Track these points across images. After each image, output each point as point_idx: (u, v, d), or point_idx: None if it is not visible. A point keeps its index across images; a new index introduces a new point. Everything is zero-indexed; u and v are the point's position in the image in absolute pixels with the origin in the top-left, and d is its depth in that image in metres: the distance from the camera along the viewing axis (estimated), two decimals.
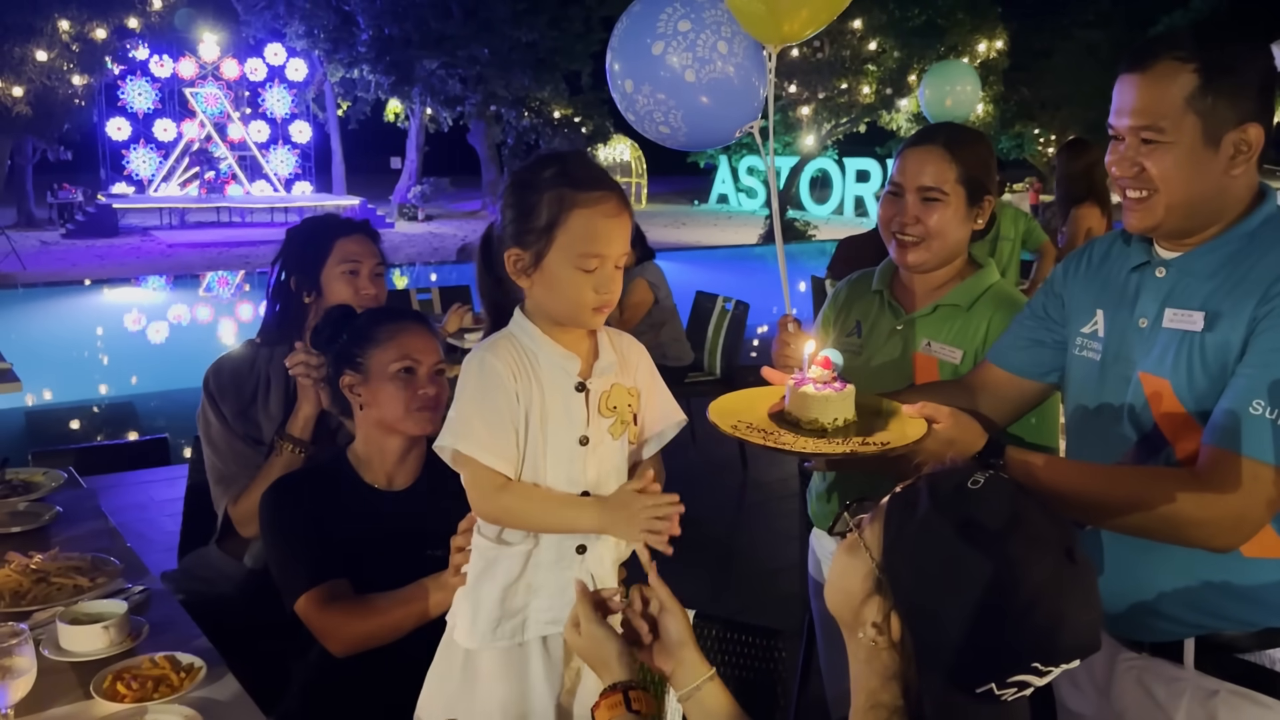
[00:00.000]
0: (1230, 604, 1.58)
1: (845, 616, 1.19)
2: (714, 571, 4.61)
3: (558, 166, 1.53)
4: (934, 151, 2.03)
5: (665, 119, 2.15)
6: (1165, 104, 1.50)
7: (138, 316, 12.13)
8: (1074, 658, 1.06)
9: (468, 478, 1.56)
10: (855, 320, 2.20)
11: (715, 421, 1.67)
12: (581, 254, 1.51)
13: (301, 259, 2.41)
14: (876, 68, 20.09)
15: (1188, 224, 1.57)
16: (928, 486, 1.14)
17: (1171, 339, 1.58)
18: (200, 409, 2.41)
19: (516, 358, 1.55)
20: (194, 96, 20.30)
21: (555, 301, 1.55)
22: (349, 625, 1.86)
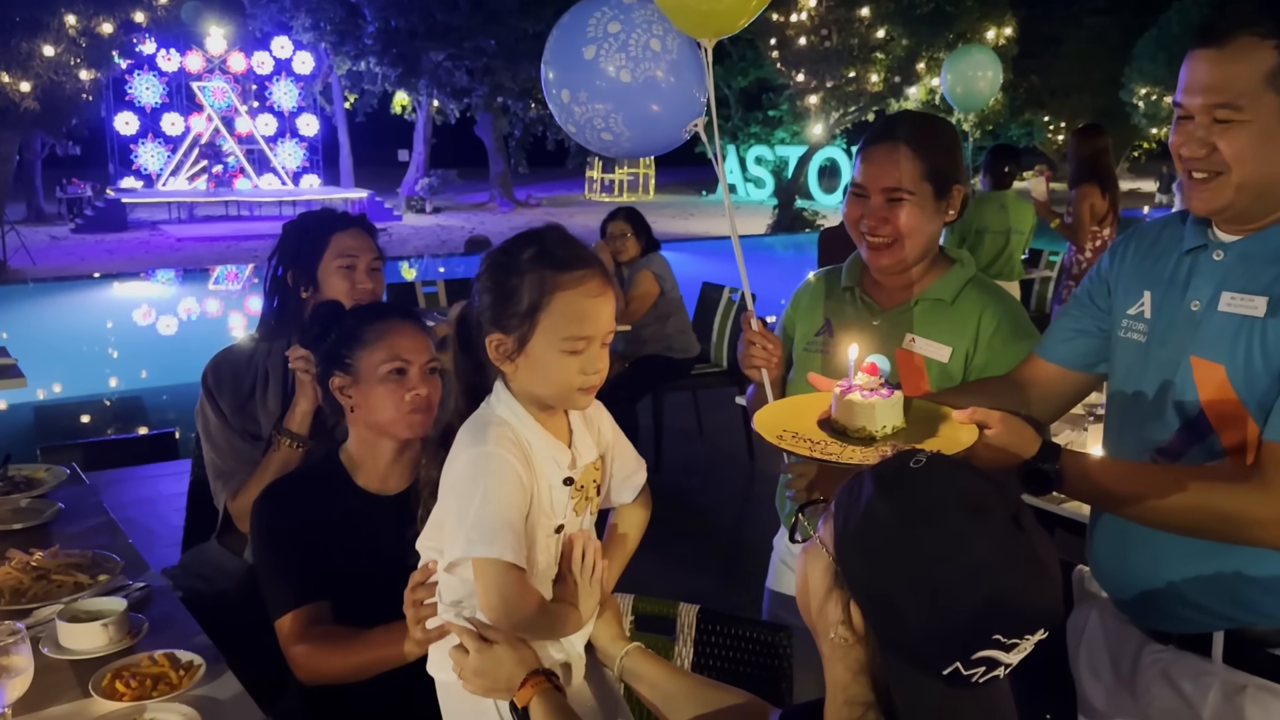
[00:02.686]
0: (1263, 598, 1.54)
1: (813, 619, 1.18)
2: (722, 563, 4.59)
3: (536, 247, 1.47)
4: (896, 149, 1.94)
5: (606, 125, 2.08)
6: (1242, 81, 1.45)
7: (147, 310, 12.15)
8: (1036, 627, 1.04)
9: (495, 582, 1.43)
10: (824, 318, 2.12)
11: (760, 432, 1.64)
12: (567, 337, 1.45)
13: (298, 254, 2.39)
14: (885, 56, 19.97)
15: (1256, 207, 1.52)
16: (871, 474, 1.13)
17: (1229, 323, 1.53)
18: (199, 404, 2.40)
19: (517, 448, 1.47)
20: (201, 90, 20.33)
21: (542, 386, 1.49)
22: (318, 663, 1.83)
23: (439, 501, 1.54)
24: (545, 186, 28.46)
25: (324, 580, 1.90)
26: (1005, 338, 1.97)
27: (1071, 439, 3.09)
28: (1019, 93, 23.48)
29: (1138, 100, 22.35)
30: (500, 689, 1.49)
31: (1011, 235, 6.09)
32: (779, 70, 20.57)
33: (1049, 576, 1.06)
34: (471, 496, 1.44)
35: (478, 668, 1.49)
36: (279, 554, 1.94)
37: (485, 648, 1.49)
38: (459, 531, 1.45)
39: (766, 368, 1.99)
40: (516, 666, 1.48)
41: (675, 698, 1.52)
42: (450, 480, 1.50)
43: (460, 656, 1.51)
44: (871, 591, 1.09)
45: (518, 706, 1.47)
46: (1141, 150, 30.40)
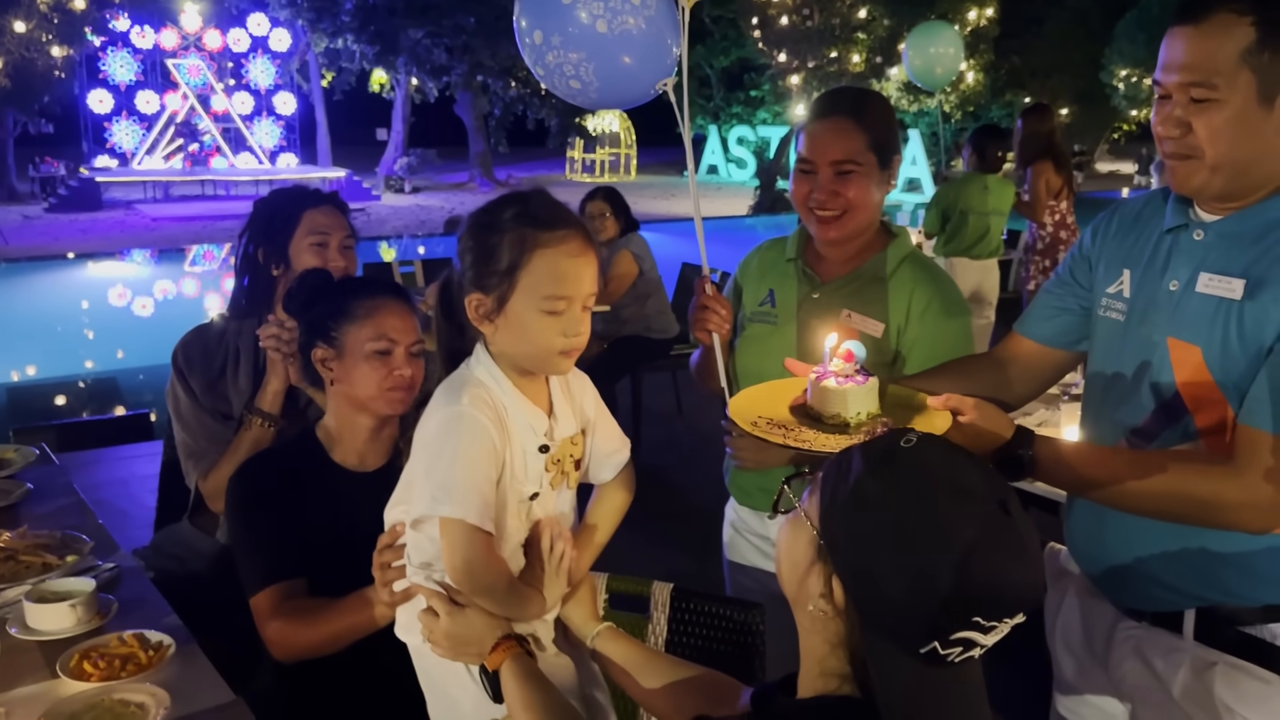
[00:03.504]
0: (1234, 577, 1.55)
1: (793, 591, 1.18)
2: (700, 542, 4.59)
3: (518, 206, 1.46)
4: (842, 123, 1.97)
5: (576, 73, 2.07)
6: (1219, 59, 1.43)
7: (122, 291, 12.04)
8: (1015, 612, 1.05)
9: (460, 542, 1.42)
10: (768, 289, 2.14)
11: (735, 419, 1.63)
12: (547, 296, 1.44)
13: (269, 231, 2.35)
14: (866, 36, 19.98)
15: (1234, 187, 1.51)
16: (861, 451, 1.13)
17: (1206, 305, 1.52)
18: (169, 384, 2.37)
19: (492, 411, 1.46)
20: (176, 68, 20.10)
21: (521, 347, 1.47)
22: (292, 638, 1.81)
23: (410, 460, 1.53)
24: (526, 166, 28.32)
25: (299, 557, 1.88)
26: (936, 315, 1.99)
27: (1045, 418, 3.11)
28: (1000, 73, 23.54)
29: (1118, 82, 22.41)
30: (470, 653, 1.49)
31: (993, 216, 6.12)
32: (761, 50, 20.54)
33: (1032, 562, 1.06)
34: (441, 454, 1.43)
35: (448, 631, 1.48)
36: (253, 530, 1.92)
37: (456, 611, 1.49)
38: (425, 488, 1.45)
39: (718, 332, 2.01)
40: (488, 630, 1.47)
41: (646, 677, 1.52)
42: (422, 438, 1.49)
43: (430, 620, 1.51)
44: (855, 567, 1.09)
45: (488, 671, 1.46)
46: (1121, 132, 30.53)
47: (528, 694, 1.41)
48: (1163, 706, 1.64)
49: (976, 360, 1.90)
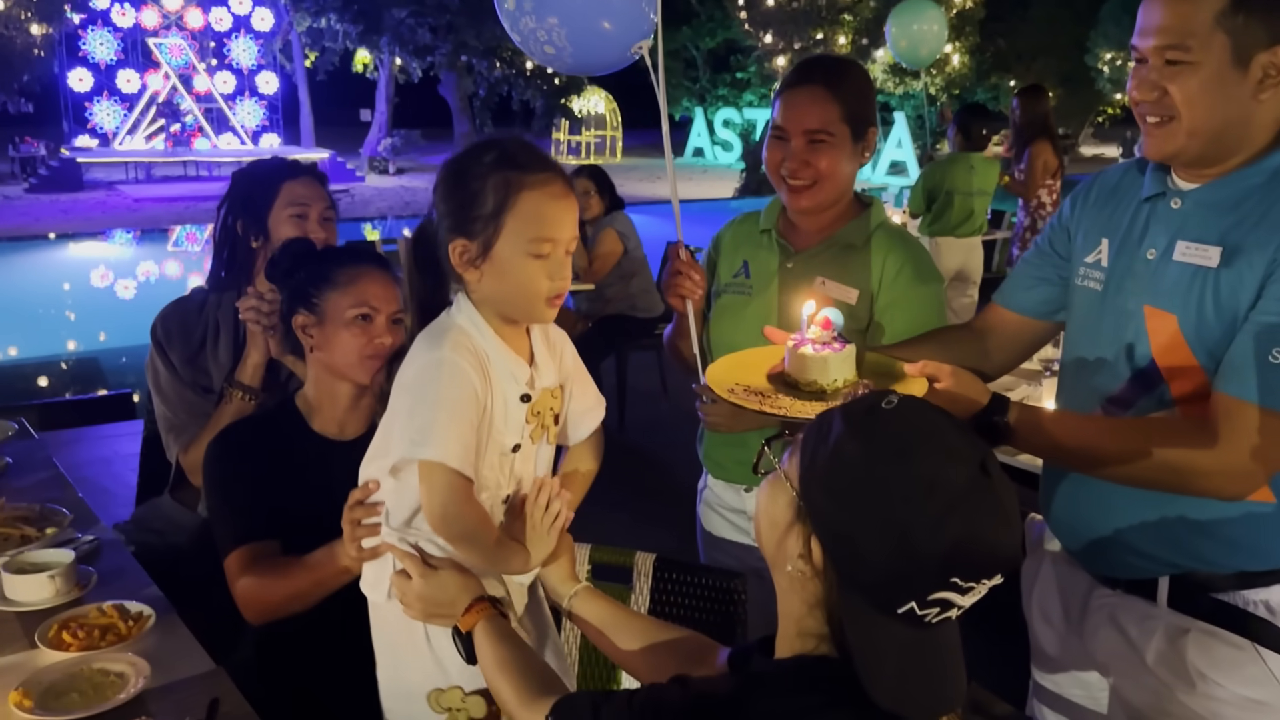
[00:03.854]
0: (1207, 545, 1.56)
1: (771, 551, 1.19)
2: (685, 520, 4.60)
3: (498, 150, 1.45)
4: (816, 92, 1.96)
5: (550, 37, 2.06)
6: (1193, 21, 1.43)
7: (104, 272, 11.96)
8: (993, 573, 1.05)
9: (439, 486, 1.42)
10: (742, 260, 2.14)
11: (712, 386, 1.63)
12: (533, 238, 1.43)
13: (248, 202, 2.33)
14: (853, 17, 19.94)
15: (1210, 152, 1.51)
16: (841, 412, 1.13)
17: (1183, 273, 1.52)
18: (149, 358, 2.35)
19: (474, 357, 1.45)
20: (158, 47, 19.88)
21: (507, 293, 1.46)
22: (261, 595, 1.80)
23: (388, 409, 1.52)
24: None
25: (275, 522, 1.88)
26: (908, 280, 2.00)
27: (1027, 393, 3.12)
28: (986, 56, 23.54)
29: (1102, 65, 22.46)
30: (443, 615, 1.48)
31: (977, 196, 6.14)
32: (747, 31, 20.49)
33: (1010, 524, 1.06)
34: (423, 399, 1.42)
35: (421, 592, 1.48)
36: (229, 494, 1.91)
37: (429, 573, 1.48)
38: (405, 432, 1.43)
39: (691, 298, 2.00)
40: (461, 592, 1.47)
41: (624, 637, 1.52)
42: (402, 383, 1.47)
43: (402, 581, 1.50)
44: (833, 528, 1.09)
45: (461, 632, 1.46)
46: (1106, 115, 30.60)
47: (502, 653, 1.40)
48: (1137, 673, 1.65)
49: (955, 330, 1.90)
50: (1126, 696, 1.69)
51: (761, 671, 1.20)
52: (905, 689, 1.08)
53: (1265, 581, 1.55)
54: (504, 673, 1.38)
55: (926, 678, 1.10)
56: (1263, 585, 1.55)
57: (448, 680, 1.54)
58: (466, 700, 1.54)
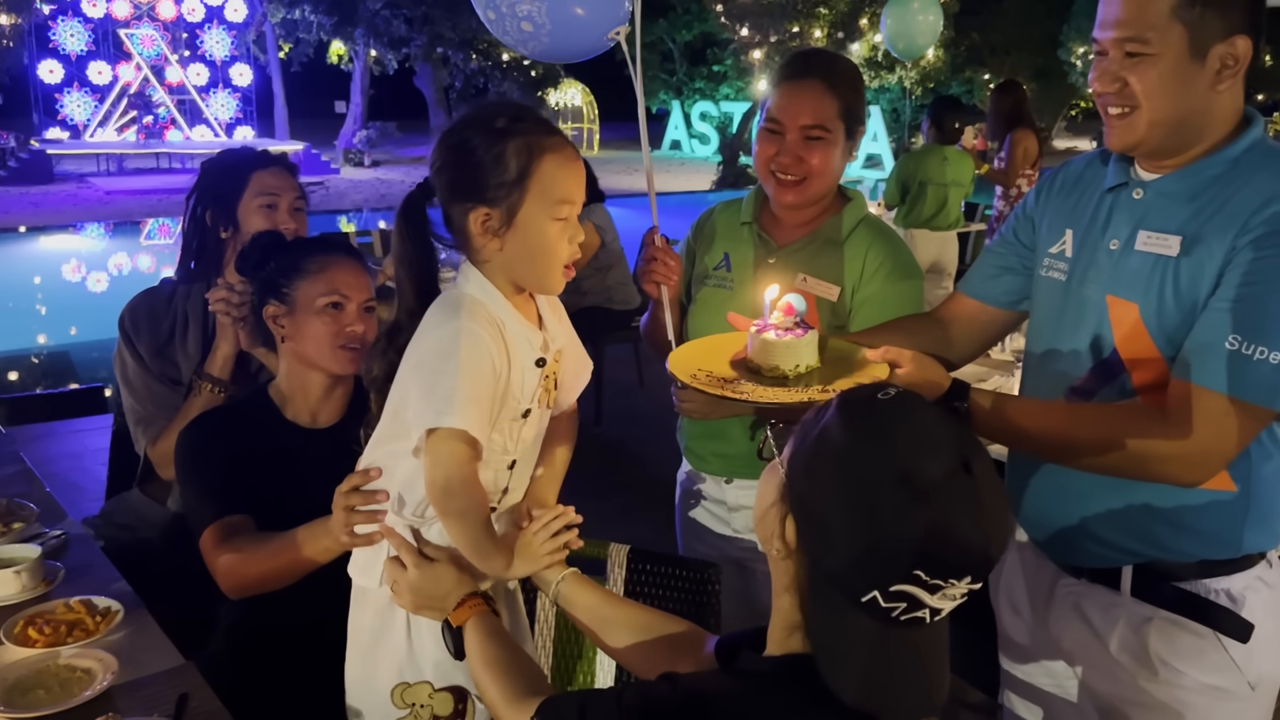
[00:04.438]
0: (1169, 533, 1.58)
1: (759, 532, 1.19)
2: (663, 512, 4.61)
3: (507, 115, 1.42)
4: (814, 87, 1.94)
5: (528, 15, 2.05)
6: (1151, 13, 1.45)
7: (76, 265, 11.83)
8: (961, 574, 1.04)
9: (447, 457, 1.39)
10: (723, 252, 2.13)
11: (674, 372, 1.63)
12: (557, 201, 1.42)
13: (217, 193, 2.31)
14: (828, 11, 19.96)
15: (1170, 142, 1.53)
16: (840, 398, 1.14)
17: (1144, 262, 1.54)
18: (116, 350, 2.33)
19: (492, 326, 1.43)
20: (129, 38, 19.64)
21: (530, 259, 1.44)
22: (240, 567, 1.78)
23: (397, 387, 1.49)
24: None
25: (249, 507, 1.86)
26: (887, 275, 1.99)
27: (1000, 384, 3.14)
28: (960, 50, 23.62)
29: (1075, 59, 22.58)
30: (434, 608, 1.48)
31: (951, 188, 6.17)
32: (723, 24, 20.47)
33: (986, 526, 1.05)
34: (442, 370, 1.39)
35: (415, 584, 1.47)
36: (204, 475, 1.90)
37: (424, 564, 1.47)
38: (427, 404, 1.39)
39: (666, 284, 1.99)
40: (455, 587, 1.47)
41: (611, 624, 1.51)
42: (418, 357, 1.44)
43: (396, 570, 1.49)
44: (807, 506, 1.09)
45: (452, 626, 1.45)
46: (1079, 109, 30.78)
47: (491, 651, 1.40)
48: (1102, 662, 1.67)
49: (919, 318, 1.92)
50: (1092, 685, 1.71)
51: (749, 669, 1.19)
52: (866, 684, 1.08)
53: (1226, 570, 1.57)
54: (491, 671, 1.37)
55: (891, 676, 1.09)
56: (1224, 574, 1.57)
57: (418, 675, 1.53)
58: (434, 697, 1.53)
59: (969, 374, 3.35)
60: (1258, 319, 1.42)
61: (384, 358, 1.52)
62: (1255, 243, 1.43)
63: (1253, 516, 1.56)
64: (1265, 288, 1.42)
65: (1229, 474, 1.54)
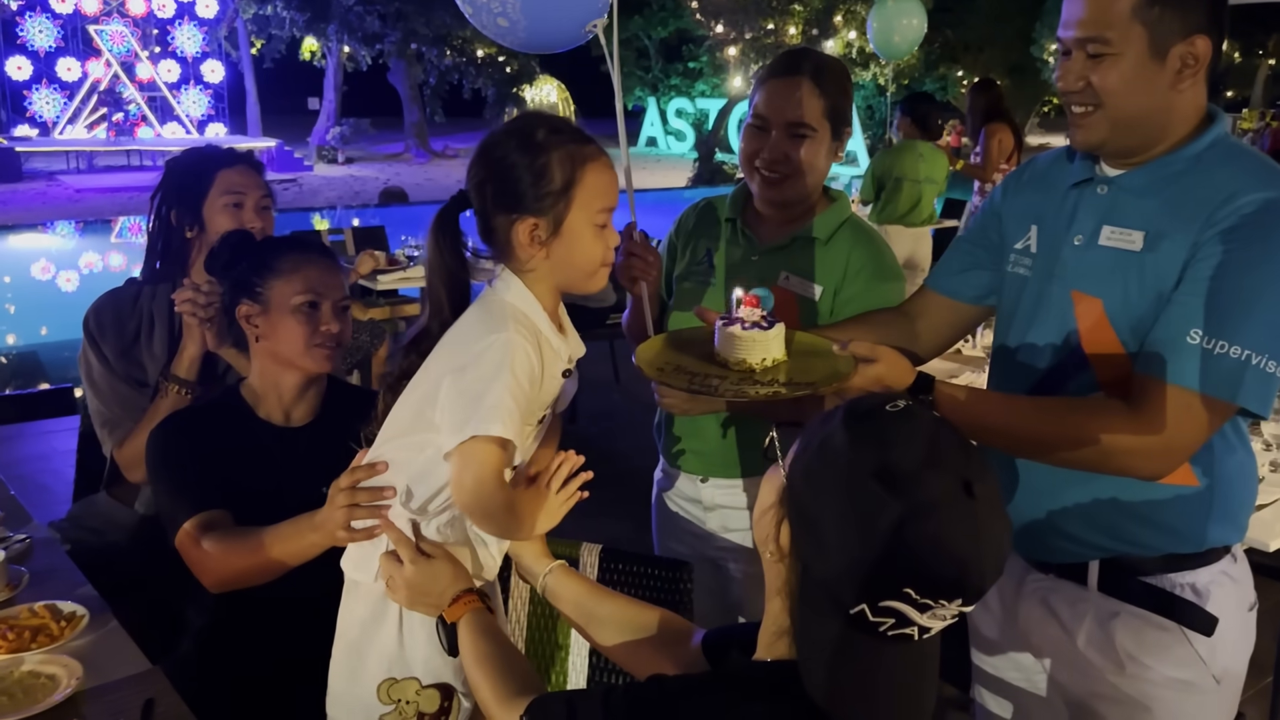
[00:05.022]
0: (1134, 528, 1.59)
1: (755, 534, 1.19)
2: (637, 509, 4.60)
3: (545, 126, 1.47)
4: (802, 83, 1.94)
5: (503, 9, 2.04)
6: (1112, 14, 1.47)
7: (45, 264, 11.71)
8: (953, 595, 1.02)
9: (480, 460, 1.40)
10: (705, 248, 2.13)
11: (640, 366, 1.63)
12: (600, 209, 1.47)
13: (182, 191, 2.28)
14: (802, 8, 20.01)
15: (1133, 140, 1.55)
16: (845, 406, 1.13)
17: (1107, 257, 1.56)
18: (81, 351, 2.30)
19: (534, 339, 1.46)
20: (98, 34, 19.45)
21: (574, 266, 1.49)
22: (223, 560, 1.75)
23: (424, 386, 1.49)
24: (463, 137, 27.90)
25: (225, 504, 1.84)
26: (870, 277, 2.00)
27: (972, 380, 3.16)
28: (934, 47, 23.73)
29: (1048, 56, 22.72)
30: (429, 604, 1.48)
31: (925, 184, 6.20)
32: (698, 21, 20.49)
33: (982, 551, 1.03)
34: (496, 380, 1.41)
35: (411, 580, 1.47)
36: (178, 473, 1.87)
37: (422, 560, 1.47)
38: (472, 413, 1.40)
39: (645, 280, 1.99)
40: (452, 583, 1.47)
41: (598, 616, 1.52)
42: (462, 363, 1.44)
43: (393, 565, 1.49)
44: (803, 511, 1.09)
45: (447, 622, 1.45)
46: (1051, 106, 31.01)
47: (485, 648, 1.40)
48: (1070, 656, 1.68)
49: (887, 313, 1.92)
50: (1061, 680, 1.72)
51: (738, 673, 1.19)
52: (846, 696, 1.08)
53: (1192, 564, 1.58)
54: (484, 668, 1.37)
55: (873, 691, 1.09)
56: (1189, 568, 1.58)
57: (406, 671, 1.53)
58: (420, 693, 1.53)
59: (942, 369, 3.38)
60: (1220, 314, 1.43)
61: (405, 359, 1.55)
62: (1217, 238, 1.45)
63: (1216, 510, 1.58)
64: (1227, 283, 1.43)
65: (1192, 468, 1.55)
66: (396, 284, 6.04)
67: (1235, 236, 1.44)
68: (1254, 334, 1.42)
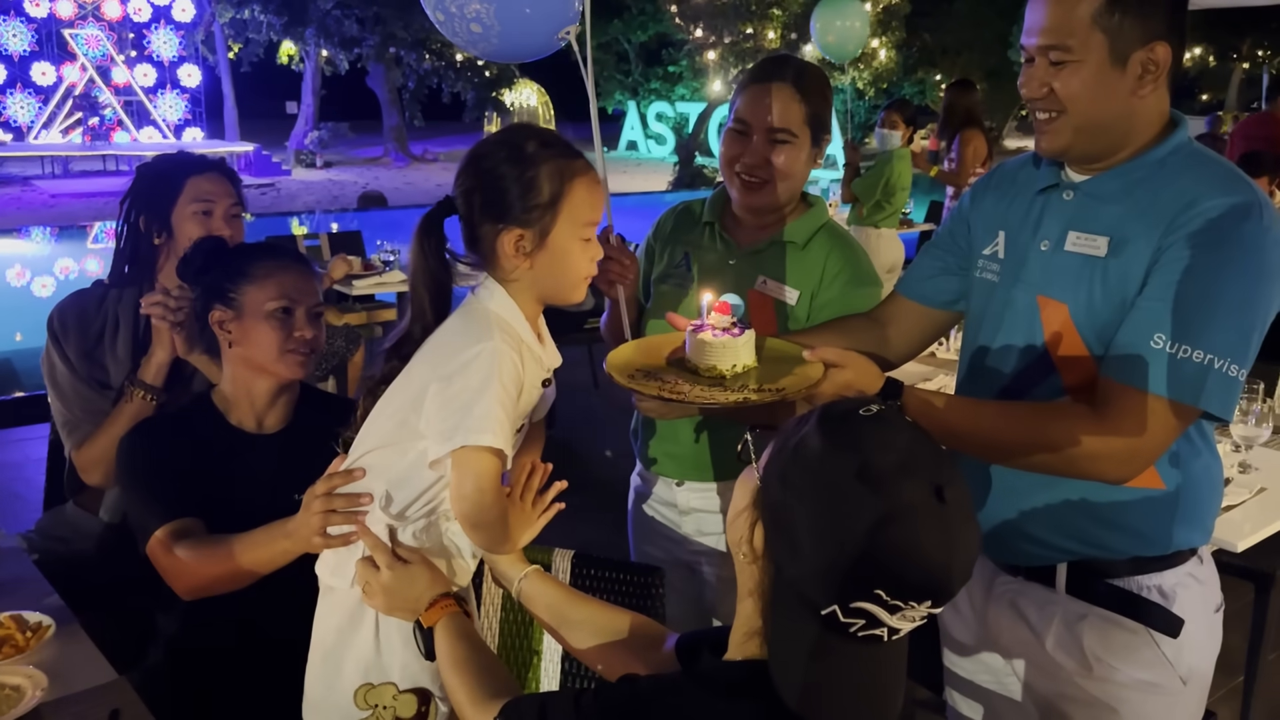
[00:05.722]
0: (1101, 531, 1.60)
1: (729, 535, 1.20)
2: (614, 514, 4.60)
3: (535, 139, 1.48)
4: (783, 90, 1.95)
5: (477, 16, 2.04)
6: (1072, 22, 1.48)
7: (20, 270, 11.59)
8: (922, 598, 1.04)
9: (477, 470, 1.42)
10: (684, 252, 2.13)
11: (611, 374, 1.63)
12: (585, 223, 1.49)
13: (151, 198, 2.26)
14: (781, 12, 20.08)
15: (1096, 147, 1.56)
16: (820, 410, 1.14)
17: (1073, 263, 1.57)
18: (44, 352, 2.27)
19: (518, 348, 1.48)
20: (74, 38, 19.28)
21: (557, 278, 1.50)
22: (195, 568, 1.74)
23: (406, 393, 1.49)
24: (442, 141, 27.87)
25: (197, 511, 1.83)
26: (846, 281, 2.01)
27: (945, 384, 3.17)
28: (912, 51, 23.86)
29: None
30: (406, 609, 1.48)
31: (898, 192, 6.22)
32: (677, 25, 20.52)
33: (952, 554, 1.05)
34: (483, 391, 1.42)
35: (388, 585, 1.47)
36: (149, 480, 1.86)
37: (398, 565, 1.48)
38: (460, 423, 1.41)
39: (622, 284, 1.99)
40: (428, 588, 1.47)
41: (573, 621, 1.52)
42: (448, 372, 1.45)
43: (369, 570, 1.49)
44: (776, 513, 1.10)
45: (423, 627, 1.45)
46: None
47: (461, 652, 1.40)
48: (1038, 659, 1.69)
49: (857, 319, 1.93)
50: (1030, 681, 1.73)
51: (710, 674, 1.19)
52: (815, 695, 1.09)
53: (1158, 567, 1.60)
54: (459, 671, 1.38)
55: (842, 690, 1.10)
56: (1155, 570, 1.60)
57: (383, 676, 1.53)
58: (398, 698, 1.53)
59: (915, 373, 3.39)
60: (1183, 318, 1.44)
61: (386, 364, 1.55)
62: (1179, 243, 1.46)
63: (1182, 513, 1.59)
64: (1189, 288, 1.45)
65: (1158, 471, 1.56)
66: (373, 289, 6.01)
67: (1197, 242, 1.45)
68: (1216, 338, 1.43)
